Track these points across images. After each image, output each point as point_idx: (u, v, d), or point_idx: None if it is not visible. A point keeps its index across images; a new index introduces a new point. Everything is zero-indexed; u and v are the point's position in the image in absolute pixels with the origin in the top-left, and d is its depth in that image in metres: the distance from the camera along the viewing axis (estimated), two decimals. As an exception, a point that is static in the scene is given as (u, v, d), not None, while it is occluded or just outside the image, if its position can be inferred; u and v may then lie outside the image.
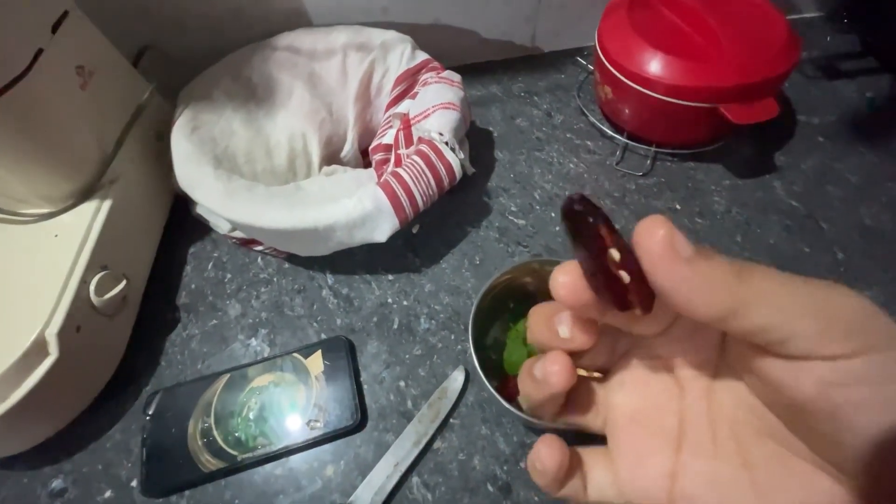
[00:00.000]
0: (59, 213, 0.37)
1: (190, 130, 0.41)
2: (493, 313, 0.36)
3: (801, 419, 0.15)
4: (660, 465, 0.18)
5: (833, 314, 0.13)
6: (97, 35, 0.40)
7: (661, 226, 0.14)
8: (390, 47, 0.47)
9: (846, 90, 0.57)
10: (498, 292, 0.35)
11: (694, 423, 0.18)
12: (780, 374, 0.15)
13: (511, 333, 0.36)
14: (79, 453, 0.36)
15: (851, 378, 0.13)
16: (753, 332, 0.14)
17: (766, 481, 0.16)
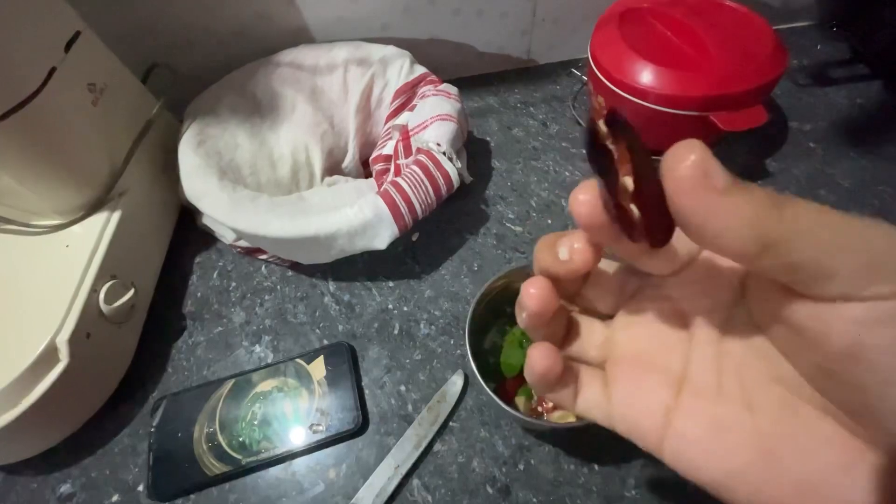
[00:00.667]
0: (70, 224, 0.39)
1: (196, 144, 0.43)
2: (489, 318, 0.37)
3: (825, 367, 0.14)
4: (656, 401, 0.18)
5: (877, 252, 0.12)
6: (108, 54, 0.42)
7: (693, 150, 0.13)
8: (389, 62, 0.48)
9: (837, 97, 0.58)
10: (493, 297, 0.35)
11: (699, 365, 0.18)
12: (808, 318, 0.13)
13: (508, 337, 0.37)
14: (87, 458, 0.37)
15: (890, 319, 0.12)
16: (789, 270, 0.13)
17: (769, 424, 0.16)
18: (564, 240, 0.18)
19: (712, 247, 0.13)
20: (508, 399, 0.35)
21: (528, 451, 0.36)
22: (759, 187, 0.13)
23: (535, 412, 0.35)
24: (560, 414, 0.35)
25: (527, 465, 0.35)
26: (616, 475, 0.34)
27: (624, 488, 0.34)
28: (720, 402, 0.17)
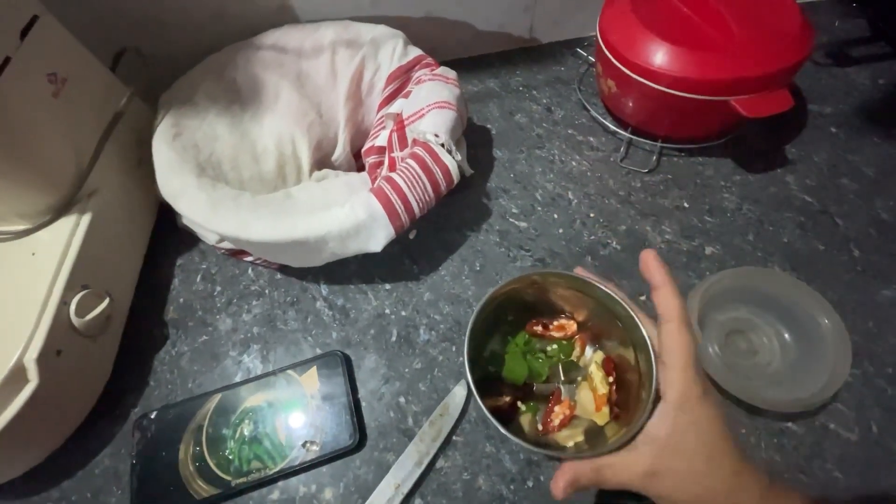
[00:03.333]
0: (35, 229, 0.36)
1: (172, 137, 0.39)
2: (490, 326, 0.34)
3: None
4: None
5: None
6: (70, 40, 0.38)
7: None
8: (381, 43, 0.45)
9: (858, 77, 0.55)
10: (496, 306, 0.32)
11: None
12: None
13: (510, 347, 0.34)
14: (66, 480, 0.35)
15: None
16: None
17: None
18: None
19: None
20: (509, 416, 0.32)
21: (538, 468, 0.34)
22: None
23: (544, 429, 0.32)
24: (568, 432, 0.32)
25: (536, 481, 0.33)
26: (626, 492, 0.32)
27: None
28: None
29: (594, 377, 0.31)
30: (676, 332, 0.25)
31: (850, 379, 0.36)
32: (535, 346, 0.34)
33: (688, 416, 0.25)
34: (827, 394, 0.33)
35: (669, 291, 0.26)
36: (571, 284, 0.32)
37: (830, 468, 0.33)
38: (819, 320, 0.35)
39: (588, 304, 0.32)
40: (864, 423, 0.35)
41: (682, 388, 0.25)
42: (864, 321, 0.38)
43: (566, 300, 0.34)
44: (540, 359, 0.33)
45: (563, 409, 0.31)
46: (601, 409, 0.30)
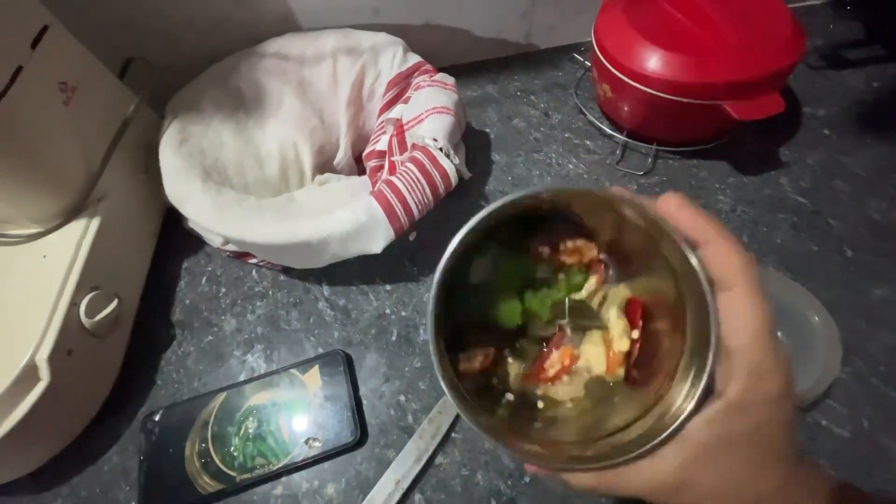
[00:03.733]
0: (46, 232, 0.37)
1: (178, 143, 0.40)
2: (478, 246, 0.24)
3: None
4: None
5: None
6: (80, 49, 0.39)
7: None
8: (381, 50, 0.46)
9: (852, 80, 0.55)
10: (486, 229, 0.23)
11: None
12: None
13: (501, 275, 0.24)
14: (76, 477, 0.36)
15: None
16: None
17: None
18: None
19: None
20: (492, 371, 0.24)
21: (534, 463, 0.34)
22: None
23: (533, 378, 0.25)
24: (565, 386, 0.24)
25: (533, 477, 0.34)
26: (626, 487, 0.33)
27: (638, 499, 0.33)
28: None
29: (612, 327, 0.23)
30: (741, 302, 0.18)
31: (843, 376, 0.36)
32: (535, 274, 0.25)
33: (748, 423, 0.18)
34: (818, 390, 0.34)
35: (725, 246, 0.18)
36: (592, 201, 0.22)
37: (823, 464, 0.34)
38: (811, 319, 0.36)
39: (613, 221, 0.23)
40: (857, 420, 0.35)
41: (749, 384, 0.18)
42: (857, 320, 0.39)
43: (588, 211, 0.24)
44: (542, 293, 0.25)
45: (562, 357, 0.24)
46: (614, 371, 0.23)
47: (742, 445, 0.18)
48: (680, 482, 0.18)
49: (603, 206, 0.22)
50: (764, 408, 0.18)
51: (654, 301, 0.23)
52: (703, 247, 0.19)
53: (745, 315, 0.18)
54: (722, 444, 0.18)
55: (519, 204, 0.21)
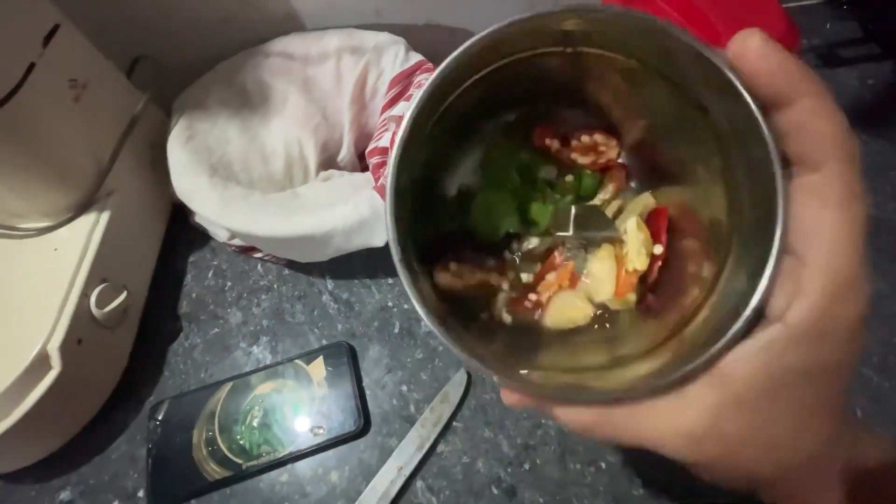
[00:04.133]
0: (57, 226, 0.38)
1: (185, 140, 0.41)
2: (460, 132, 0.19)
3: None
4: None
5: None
6: (89, 47, 0.40)
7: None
8: (384, 50, 0.46)
9: (848, 78, 0.56)
10: (479, 85, 0.17)
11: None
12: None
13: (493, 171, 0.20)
14: (85, 465, 0.36)
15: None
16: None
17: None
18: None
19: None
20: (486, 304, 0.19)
21: (534, 451, 0.35)
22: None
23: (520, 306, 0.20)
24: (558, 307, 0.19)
25: (532, 464, 0.35)
26: (623, 474, 0.34)
27: (632, 487, 0.33)
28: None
29: (631, 239, 0.18)
30: (831, 189, 0.13)
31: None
32: (537, 173, 0.20)
33: (811, 357, 0.13)
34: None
35: (816, 106, 0.13)
36: (633, 42, 0.16)
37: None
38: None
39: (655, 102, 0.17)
40: (851, 410, 0.36)
41: (821, 305, 0.13)
42: (851, 312, 0.39)
43: (616, 94, 0.18)
44: (543, 194, 0.20)
45: (559, 279, 0.19)
46: (624, 294, 0.18)
47: (796, 387, 0.14)
48: (708, 430, 0.14)
49: (647, 41, 0.16)
50: (836, 339, 0.13)
51: (685, 214, 0.18)
52: (794, 105, 0.14)
53: (833, 208, 0.13)
54: (772, 384, 0.13)
55: (523, 31, 0.16)
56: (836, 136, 0.13)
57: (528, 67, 0.17)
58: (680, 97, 0.16)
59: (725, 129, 0.15)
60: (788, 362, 0.13)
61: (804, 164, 0.13)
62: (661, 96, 0.17)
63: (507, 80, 0.17)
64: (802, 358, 0.13)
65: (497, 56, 0.17)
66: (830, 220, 0.13)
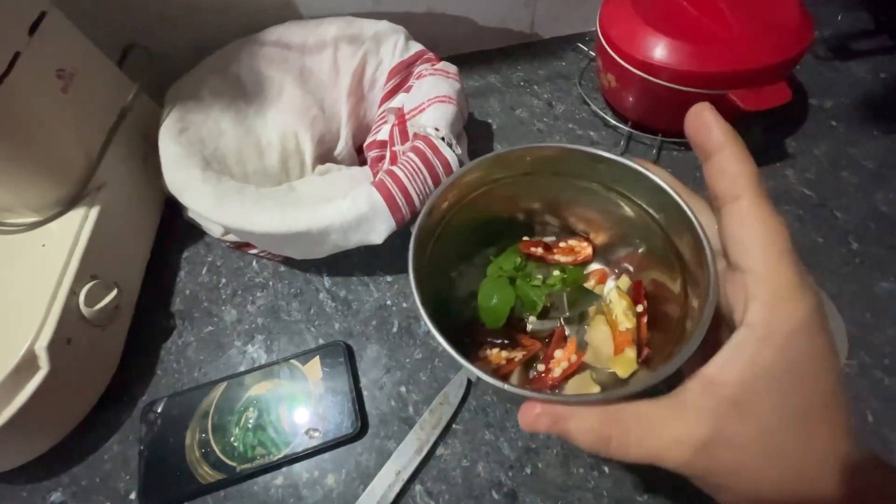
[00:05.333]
0: (45, 221, 0.36)
1: (178, 132, 0.40)
2: (465, 251, 0.24)
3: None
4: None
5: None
6: (78, 35, 0.39)
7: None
8: (383, 39, 0.45)
9: (859, 71, 0.55)
10: (460, 209, 0.22)
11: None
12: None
13: (493, 270, 0.25)
14: (76, 466, 0.36)
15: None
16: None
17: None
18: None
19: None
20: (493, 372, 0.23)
21: (536, 455, 0.34)
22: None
23: (538, 382, 0.23)
24: (575, 385, 0.23)
25: (534, 468, 0.34)
26: (627, 479, 0.33)
27: (635, 493, 0.32)
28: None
29: (614, 307, 0.22)
30: (752, 211, 0.16)
31: (848, 370, 0.36)
32: (530, 270, 0.25)
33: (777, 351, 0.15)
34: (822, 383, 0.33)
35: (735, 152, 0.17)
36: (580, 171, 0.21)
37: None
38: (816, 311, 0.36)
39: (611, 219, 0.22)
40: (861, 413, 0.35)
41: (770, 306, 0.15)
42: (862, 313, 0.38)
43: (580, 217, 0.24)
44: (535, 285, 0.24)
45: (566, 353, 0.22)
46: (623, 350, 0.21)
47: (776, 382, 0.14)
48: (709, 437, 0.15)
49: (585, 177, 0.21)
50: (795, 338, 0.14)
51: (653, 282, 0.22)
52: (717, 152, 0.18)
53: (757, 227, 0.16)
54: (760, 384, 0.14)
55: (501, 171, 0.21)
56: (751, 175, 0.17)
57: (507, 190, 0.22)
58: (631, 205, 0.21)
59: (666, 223, 0.20)
60: (766, 360, 0.14)
61: (729, 195, 0.17)
62: (617, 207, 0.21)
63: (492, 201, 0.22)
64: (775, 356, 0.14)
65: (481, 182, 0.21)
66: (757, 233, 0.16)
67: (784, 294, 0.15)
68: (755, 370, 0.14)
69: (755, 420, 0.14)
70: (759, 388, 0.14)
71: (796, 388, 0.15)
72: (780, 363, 0.15)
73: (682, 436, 0.15)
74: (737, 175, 0.17)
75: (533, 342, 0.24)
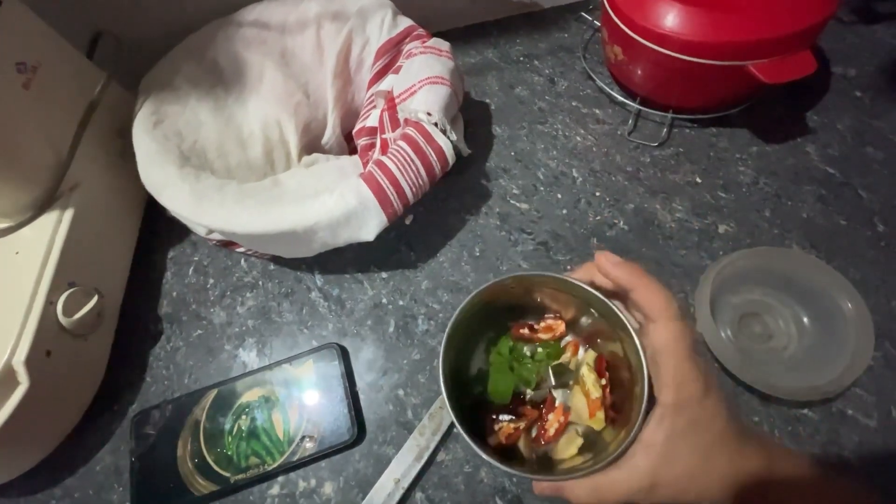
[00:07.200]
0: (17, 227, 0.34)
1: (152, 125, 0.37)
2: (469, 339, 0.31)
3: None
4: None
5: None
6: (40, 25, 0.36)
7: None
8: (369, 14, 0.42)
9: (885, 36, 0.51)
10: (470, 318, 0.29)
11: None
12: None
13: (494, 358, 0.31)
14: (69, 478, 0.35)
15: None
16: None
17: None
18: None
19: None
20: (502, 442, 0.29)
21: (541, 459, 0.33)
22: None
23: (539, 440, 0.29)
24: (566, 440, 0.29)
25: (539, 473, 0.32)
26: (637, 483, 0.31)
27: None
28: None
29: (586, 380, 0.29)
30: (663, 328, 0.23)
31: (871, 362, 0.34)
32: (521, 351, 0.32)
33: (685, 418, 0.23)
34: (846, 381, 0.31)
35: (646, 288, 0.24)
36: (551, 285, 0.29)
37: (847, 456, 0.32)
38: (840, 302, 0.33)
39: (573, 301, 0.30)
40: (884, 408, 0.33)
41: (676, 389, 0.23)
42: (888, 301, 0.36)
43: (552, 298, 0.31)
44: (528, 364, 0.31)
45: (556, 416, 0.29)
46: (595, 414, 0.28)
47: (687, 437, 0.23)
48: (653, 481, 0.23)
49: (555, 288, 0.29)
50: (692, 406, 0.23)
51: (611, 353, 0.29)
52: (634, 291, 0.25)
53: (666, 339, 0.23)
54: (671, 440, 0.23)
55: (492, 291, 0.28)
56: (661, 303, 0.24)
57: (497, 301, 0.30)
58: (585, 307, 0.29)
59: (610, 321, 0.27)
60: (673, 424, 0.23)
61: (650, 318, 0.24)
62: (577, 303, 0.30)
63: (487, 308, 0.30)
64: (679, 420, 0.23)
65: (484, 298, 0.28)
66: (666, 344, 0.23)
67: (682, 383, 0.23)
68: (672, 432, 0.23)
69: (679, 464, 0.23)
70: (676, 443, 0.23)
71: (698, 435, 0.23)
72: (686, 424, 0.23)
73: (635, 486, 0.23)
74: (651, 305, 0.24)
75: (531, 411, 0.30)
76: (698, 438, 0.23)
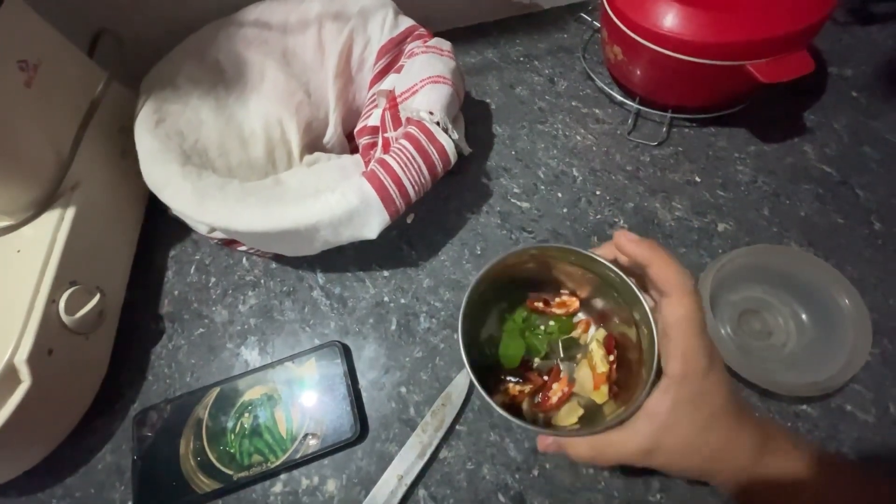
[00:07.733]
0: (18, 225, 0.34)
1: (154, 124, 0.37)
2: (487, 306, 0.32)
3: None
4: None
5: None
6: (41, 24, 0.36)
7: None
8: (370, 14, 0.42)
9: (881, 36, 0.51)
10: (492, 282, 0.30)
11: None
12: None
13: (507, 324, 0.33)
14: (70, 477, 0.35)
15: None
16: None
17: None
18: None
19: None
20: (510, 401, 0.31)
21: (543, 456, 0.33)
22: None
23: (542, 407, 0.31)
24: (567, 409, 0.30)
25: (542, 470, 0.32)
26: (639, 479, 0.32)
27: (648, 492, 0.31)
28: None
29: (594, 355, 0.30)
30: (677, 303, 0.24)
31: (870, 358, 0.34)
32: (534, 322, 0.33)
33: (688, 390, 0.24)
34: (845, 376, 0.31)
35: (663, 263, 0.25)
36: (570, 259, 0.30)
37: (847, 451, 0.32)
38: (837, 299, 0.34)
39: (590, 279, 0.31)
40: (882, 403, 0.33)
41: (683, 362, 0.24)
42: (886, 298, 0.36)
43: (568, 276, 0.32)
44: (539, 335, 0.32)
45: (561, 386, 0.30)
46: (599, 387, 0.29)
47: (688, 409, 0.24)
48: (652, 446, 0.24)
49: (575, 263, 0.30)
50: (697, 379, 0.24)
51: (621, 334, 0.30)
52: (650, 267, 0.25)
53: (678, 313, 0.24)
54: (674, 410, 0.24)
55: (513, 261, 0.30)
56: (676, 279, 0.24)
57: (517, 271, 0.31)
58: (601, 280, 0.30)
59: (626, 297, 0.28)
60: (677, 394, 0.24)
61: (664, 293, 0.25)
62: (594, 280, 0.31)
63: (506, 278, 0.31)
64: (683, 391, 0.24)
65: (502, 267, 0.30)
66: (678, 316, 0.24)
67: (690, 356, 0.24)
68: (676, 403, 0.24)
69: (678, 433, 0.24)
70: (678, 413, 0.24)
71: (699, 409, 0.24)
72: (689, 396, 0.24)
73: (633, 449, 0.25)
74: (666, 280, 0.25)
75: (537, 378, 0.31)
76: (698, 411, 0.24)
